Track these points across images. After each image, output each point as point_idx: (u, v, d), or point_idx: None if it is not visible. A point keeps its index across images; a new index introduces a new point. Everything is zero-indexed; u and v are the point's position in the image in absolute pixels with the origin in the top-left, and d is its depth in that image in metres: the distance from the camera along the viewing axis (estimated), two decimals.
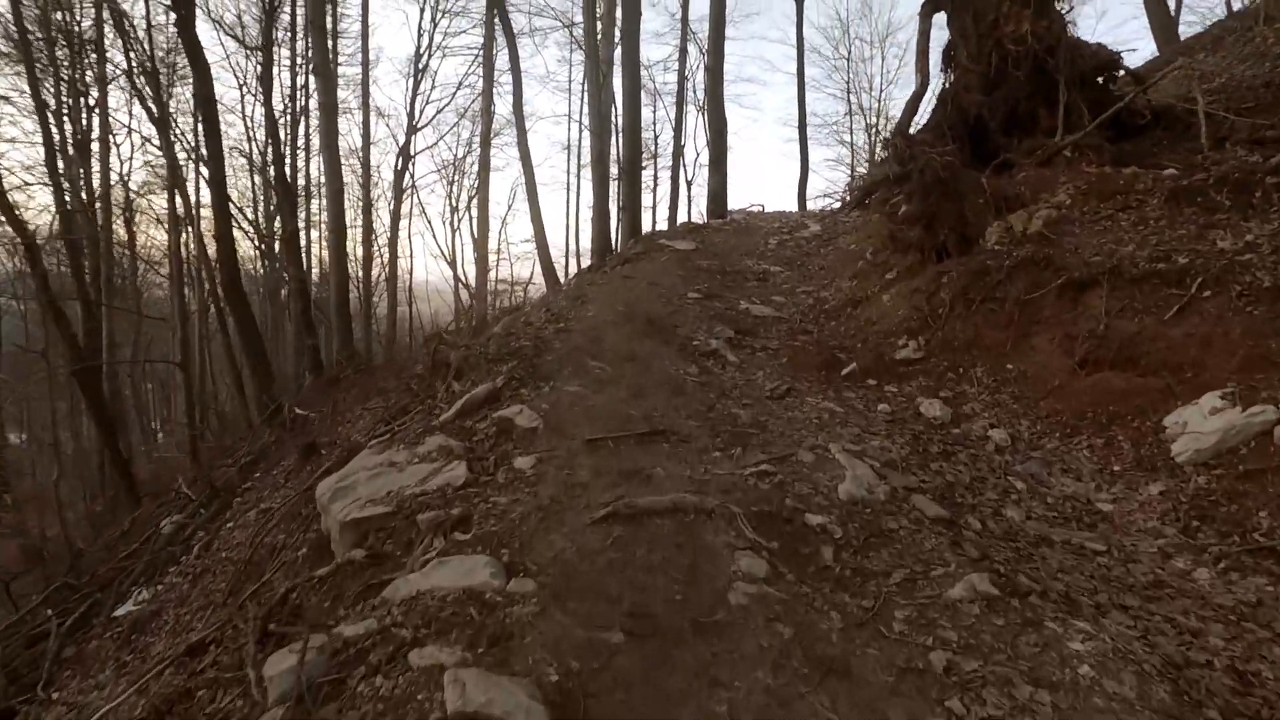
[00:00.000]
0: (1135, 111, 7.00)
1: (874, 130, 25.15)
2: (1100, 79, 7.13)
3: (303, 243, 23.92)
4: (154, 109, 15.28)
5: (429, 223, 31.10)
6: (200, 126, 14.37)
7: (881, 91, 25.28)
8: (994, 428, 4.43)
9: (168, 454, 20.22)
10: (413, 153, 23.96)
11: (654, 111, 23.65)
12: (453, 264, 25.64)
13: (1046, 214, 6.00)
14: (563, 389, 4.53)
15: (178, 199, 17.06)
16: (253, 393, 14.09)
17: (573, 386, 4.57)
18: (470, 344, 5.74)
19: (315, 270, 23.91)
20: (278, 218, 19.39)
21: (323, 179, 19.66)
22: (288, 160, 19.97)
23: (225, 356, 20.45)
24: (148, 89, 15.18)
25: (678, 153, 21.45)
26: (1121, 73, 7.34)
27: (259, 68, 18.08)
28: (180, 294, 16.99)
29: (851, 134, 25.44)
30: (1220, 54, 8.66)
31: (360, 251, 23.02)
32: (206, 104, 12.02)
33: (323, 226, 22.70)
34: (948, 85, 7.56)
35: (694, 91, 21.73)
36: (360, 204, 24.91)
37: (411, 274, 27.90)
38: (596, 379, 4.77)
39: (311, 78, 18.06)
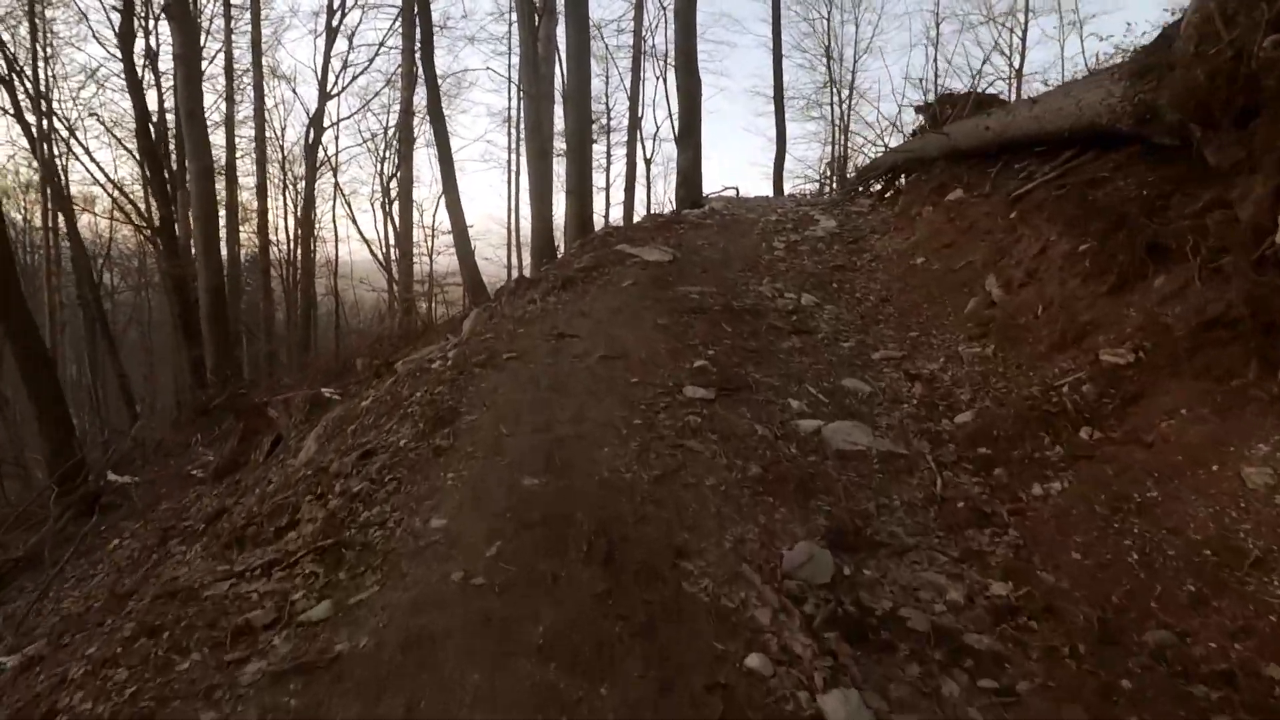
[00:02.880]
0: None
1: (848, 105, 21.67)
2: None
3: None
4: None
5: (348, 206, 25.17)
6: None
7: (855, 63, 21.49)
8: None
9: None
10: (327, 123, 19.77)
11: (605, 81, 19.75)
12: (386, 260, 20.93)
13: None
14: None
15: None
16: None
17: None
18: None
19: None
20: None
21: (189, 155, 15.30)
22: (155, 128, 15.43)
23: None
24: None
25: (634, 125, 17.73)
26: None
27: (119, 14, 13.77)
28: None
29: (832, 107, 21.77)
30: None
31: (285, 236, 18.96)
32: None
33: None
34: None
35: (652, 53, 17.97)
36: (277, 181, 20.70)
37: (336, 261, 23.25)
38: None
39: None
